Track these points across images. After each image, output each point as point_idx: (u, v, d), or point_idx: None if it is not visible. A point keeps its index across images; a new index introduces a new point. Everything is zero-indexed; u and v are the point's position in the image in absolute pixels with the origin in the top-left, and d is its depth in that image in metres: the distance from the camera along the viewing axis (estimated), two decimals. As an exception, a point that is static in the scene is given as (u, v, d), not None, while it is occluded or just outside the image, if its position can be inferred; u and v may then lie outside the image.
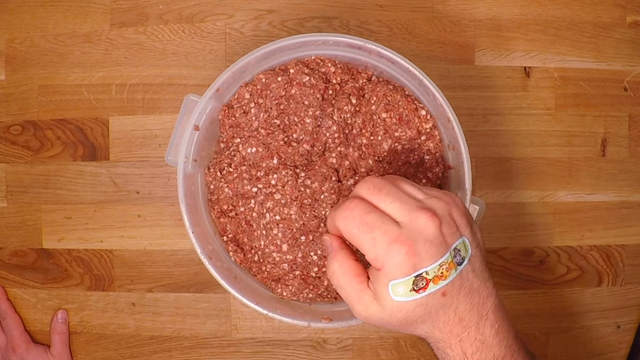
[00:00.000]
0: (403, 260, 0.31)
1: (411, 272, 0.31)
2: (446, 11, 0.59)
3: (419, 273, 0.31)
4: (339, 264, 0.35)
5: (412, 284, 0.31)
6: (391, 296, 0.32)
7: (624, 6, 0.59)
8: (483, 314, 0.34)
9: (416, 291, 0.32)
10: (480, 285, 0.34)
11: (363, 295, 0.34)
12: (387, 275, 0.32)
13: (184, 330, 0.59)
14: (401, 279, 0.31)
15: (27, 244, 0.60)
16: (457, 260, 0.32)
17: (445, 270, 0.32)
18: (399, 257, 0.31)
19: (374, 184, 0.34)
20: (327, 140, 0.47)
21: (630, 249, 0.60)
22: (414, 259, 0.31)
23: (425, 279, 0.31)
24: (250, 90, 0.47)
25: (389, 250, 0.31)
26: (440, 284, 0.32)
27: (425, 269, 0.31)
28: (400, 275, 0.31)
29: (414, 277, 0.31)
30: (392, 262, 0.31)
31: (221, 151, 0.48)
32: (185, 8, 0.59)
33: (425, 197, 0.34)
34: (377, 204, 0.33)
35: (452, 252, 0.32)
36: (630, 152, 0.60)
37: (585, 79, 0.59)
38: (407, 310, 0.32)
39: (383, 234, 0.32)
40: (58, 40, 0.59)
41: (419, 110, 0.47)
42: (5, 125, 0.60)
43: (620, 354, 0.60)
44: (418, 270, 0.31)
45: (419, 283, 0.31)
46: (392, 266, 0.31)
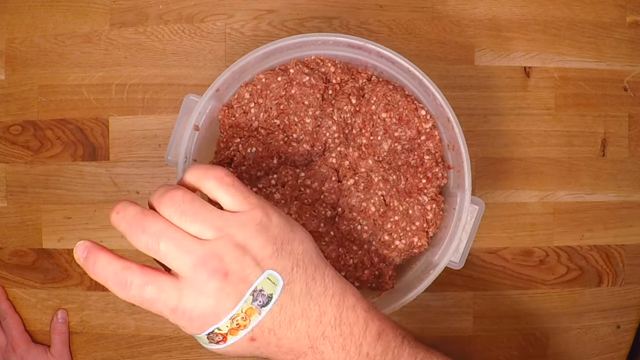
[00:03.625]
0: (190, 324, 0.29)
1: (200, 332, 0.29)
2: (446, 11, 0.59)
3: (209, 331, 0.29)
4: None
5: (208, 339, 0.30)
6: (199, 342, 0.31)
7: (624, 6, 0.59)
8: (318, 335, 0.31)
9: (216, 343, 0.30)
10: (306, 308, 0.31)
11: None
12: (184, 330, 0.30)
13: (184, 330, 0.59)
14: (195, 335, 0.30)
15: (27, 244, 0.60)
16: (259, 303, 0.29)
17: (242, 320, 0.29)
18: (184, 322, 0.29)
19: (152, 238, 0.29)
20: (327, 140, 0.47)
21: (630, 249, 0.60)
22: (198, 322, 0.29)
23: (220, 334, 0.29)
24: (250, 90, 0.47)
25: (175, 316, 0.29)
26: (241, 334, 0.29)
27: (216, 326, 0.29)
28: (192, 332, 0.30)
29: (205, 335, 0.30)
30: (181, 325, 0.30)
31: (221, 151, 0.48)
32: (185, 8, 0.59)
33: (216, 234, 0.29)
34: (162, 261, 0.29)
35: (249, 298, 0.29)
36: (630, 152, 0.60)
37: (585, 79, 0.59)
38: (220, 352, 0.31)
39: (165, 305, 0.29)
40: (58, 40, 0.59)
41: (419, 110, 0.47)
42: (5, 125, 0.60)
43: (620, 354, 0.60)
44: (207, 329, 0.29)
45: (214, 338, 0.30)
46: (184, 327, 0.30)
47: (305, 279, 0.31)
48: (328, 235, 0.45)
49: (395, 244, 0.45)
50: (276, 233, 0.31)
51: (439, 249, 0.45)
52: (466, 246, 0.47)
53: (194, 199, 0.30)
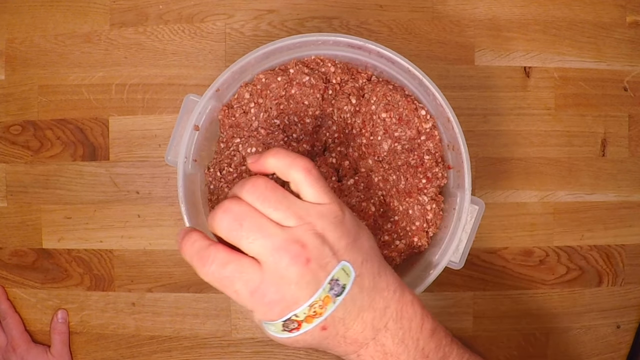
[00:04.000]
0: (267, 309, 0.30)
1: (278, 318, 0.30)
2: (446, 11, 0.59)
3: (287, 318, 0.30)
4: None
5: (282, 326, 0.30)
6: (266, 331, 0.31)
7: (624, 6, 0.59)
8: (380, 327, 0.32)
9: (289, 331, 0.30)
10: (373, 300, 0.32)
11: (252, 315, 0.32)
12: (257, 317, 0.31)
13: (184, 330, 0.59)
14: (271, 322, 0.30)
15: (27, 244, 0.60)
16: (335, 292, 0.30)
17: (319, 308, 0.30)
18: (262, 307, 0.30)
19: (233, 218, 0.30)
20: (327, 140, 0.47)
21: (630, 249, 0.60)
22: (278, 306, 0.29)
23: (296, 321, 0.30)
24: (250, 90, 0.47)
25: (253, 300, 0.30)
26: (316, 322, 0.30)
27: (294, 313, 0.30)
28: (267, 319, 0.30)
29: (282, 322, 0.30)
30: (258, 310, 0.30)
31: (221, 151, 0.48)
32: (185, 8, 0.59)
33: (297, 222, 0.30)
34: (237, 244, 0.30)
35: (327, 286, 0.30)
36: (630, 152, 0.60)
37: (585, 79, 0.59)
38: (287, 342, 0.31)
39: (244, 286, 0.29)
40: (58, 40, 0.59)
41: (419, 110, 0.47)
42: (5, 125, 0.60)
43: (620, 354, 0.60)
44: (285, 315, 0.30)
45: (289, 325, 0.30)
46: (258, 313, 0.30)
47: (372, 273, 0.32)
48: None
49: (395, 244, 0.45)
50: (349, 228, 0.32)
51: (439, 249, 0.45)
52: (466, 246, 0.47)
53: (276, 188, 0.31)
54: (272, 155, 0.33)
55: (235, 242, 0.30)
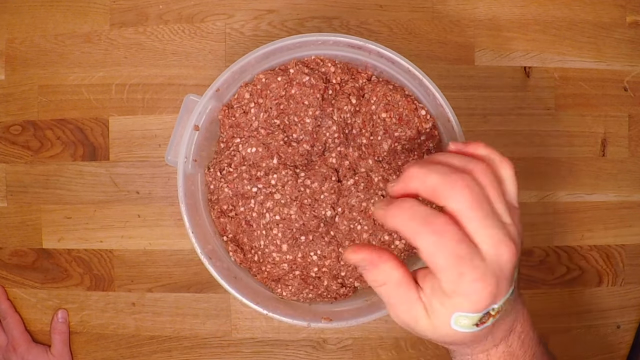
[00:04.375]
0: (482, 298, 0.29)
1: (483, 309, 0.29)
2: (446, 11, 0.59)
3: (488, 310, 0.29)
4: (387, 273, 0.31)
5: (479, 320, 0.30)
6: (451, 324, 0.30)
7: (624, 6, 0.59)
8: (513, 328, 0.33)
9: (477, 325, 0.30)
10: (516, 303, 0.33)
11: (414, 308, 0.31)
12: (456, 306, 0.29)
13: (184, 330, 0.59)
14: (470, 314, 0.29)
15: (27, 244, 0.60)
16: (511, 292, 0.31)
17: (505, 304, 0.30)
18: (479, 296, 0.29)
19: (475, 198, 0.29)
20: (327, 140, 0.47)
21: (630, 249, 0.60)
22: (490, 299, 0.29)
23: (489, 315, 0.30)
24: (250, 90, 0.47)
25: (471, 287, 0.28)
26: (497, 317, 0.30)
27: (494, 306, 0.29)
28: (471, 310, 0.29)
29: (483, 314, 0.29)
30: (469, 298, 0.29)
31: (221, 151, 0.48)
32: (185, 8, 0.59)
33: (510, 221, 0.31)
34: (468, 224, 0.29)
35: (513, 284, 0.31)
36: (630, 152, 0.60)
37: (585, 79, 0.59)
38: (459, 338, 0.31)
39: (471, 270, 0.28)
40: (58, 40, 0.59)
41: (419, 110, 0.47)
42: (5, 125, 0.60)
43: (620, 354, 0.60)
44: (489, 307, 0.29)
45: (484, 318, 0.30)
46: (468, 302, 0.29)
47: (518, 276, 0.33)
48: (328, 235, 0.45)
49: (395, 244, 0.45)
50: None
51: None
52: (466, 246, 0.47)
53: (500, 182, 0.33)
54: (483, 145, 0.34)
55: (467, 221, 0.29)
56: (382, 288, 0.31)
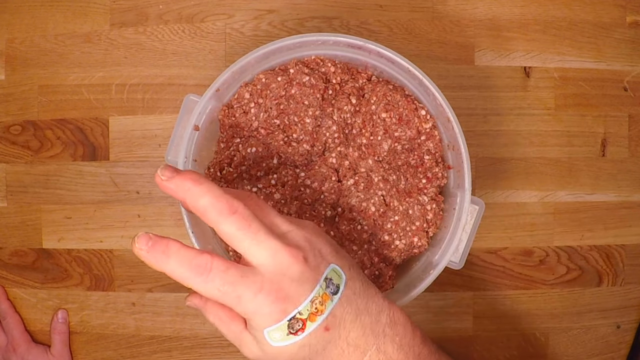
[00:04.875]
0: (272, 309, 0.30)
1: (282, 317, 0.30)
2: (446, 11, 0.59)
3: (292, 316, 0.30)
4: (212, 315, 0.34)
5: (288, 327, 0.30)
6: (269, 342, 0.31)
7: (624, 6, 0.59)
8: (379, 332, 0.33)
9: (294, 334, 0.30)
10: (367, 304, 0.33)
11: (244, 339, 0.33)
12: (259, 324, 0.30)
13: (184, 330, 0.59)
14: (274, 326, 0.30)
15: (27, 244, 0.60)
16: (331, 290, 0.31)
17: (320, 304, 0.30)
18: (266, 307, 0.30)
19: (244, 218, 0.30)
20: (327, 140, 0.47)
21: (630, 249, 0.60)
22: (282, 304, 0.30)
23: (300, 320, 0.30)
24: (250, 90, 0.47)
25: (256, 302, 0.30)
26: (319, 320, 0.30)
27: (297, 310, 0.30)
28: (272, 322, 0.30)
29: (287, 321, 0.30)
30: (261, 312, 0.30)
31: (221, 151, 0.48)
32: (185, 8, 0.59)
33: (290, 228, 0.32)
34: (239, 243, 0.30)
35: (323, 283, 0.31)
36: (630, 152, 0.60)
37: (585, 79, 0.59)
38: (290, 353, 0.31)
39: (246, 289, 0.30)
40: (58, 40, 0.59)
41: (419, 110, 0.47)
42: (5, 125, 0.60)
43: (620, 354, 0.60)
44: (290, 313, 0.30)
45: (294, 325, 0.30)
46: (262, 316, 0.30)
47: (360, 279, 0.34)
48: (328, 235, 0.45)
49: (395, 244, 0.45)
50: (329, 240, 0.35)
51: (439, 249, 0.45)
52: (466, 246, 0.47)
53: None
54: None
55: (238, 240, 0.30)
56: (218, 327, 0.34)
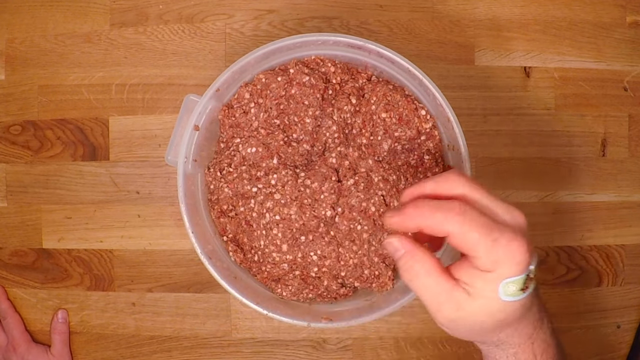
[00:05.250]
0: (522, 258, 0.30)
1: (526, 270, 0.31)
2: (446, 11, 0.59)
3: (528, 272, 0.31)
4: (420, 263, 0.32)
5: (524, 282, 0.31)
6: (500, 296, 0.31)
7: (624, 6, 0.59)
8: (544, 313, 0.34)
9: (523, 290, 0.31)
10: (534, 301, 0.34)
11: (455, 294, 0.31)
12: (501, 274, 0.30)
13: (184, 330, 0.59)
14: (515, 277, 0.30)
15: (27, 244, 0.60)
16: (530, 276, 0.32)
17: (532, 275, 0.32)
18: (519, 254, 0.30)
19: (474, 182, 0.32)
20: (327, 140, 0.47)
21: (630, 249, 0.60)
22: (530, 257, 0.31)
23: (529, 277, 0.31)
24: (250, 90, 0.47)
25: (509, 250, 0.30)
26: (531, 286, 0.32)
27: (532, 266, 0.31)
28: (517, 273, 0.30)
29: (525, 275, 0.31)
30: (512, 260, 0.30)
31: (221, 151, 0.48)
32: (185, 8, 0.59)
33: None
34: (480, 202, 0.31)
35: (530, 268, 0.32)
36: (630, 152, 0.60)
37: (585, 79, 0.59)
38: (511, 311, 0.32)
39: (502, 235, 0.30)
40: (58, 40, 0.59)
41: (419, 110, 0.47)
42: (5, 125, 0.60)
43: (620, 354, 0.60)
44: (530, 266, 0.31)
45: (526, 282, 0.31)
46: (511, 265, 0.30)
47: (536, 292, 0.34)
48: (328, 235, 0.45)
49: (395, 244, 0.45)
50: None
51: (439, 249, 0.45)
52: (466, 246, 0.47)
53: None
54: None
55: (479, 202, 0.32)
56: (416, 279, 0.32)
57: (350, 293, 0.48)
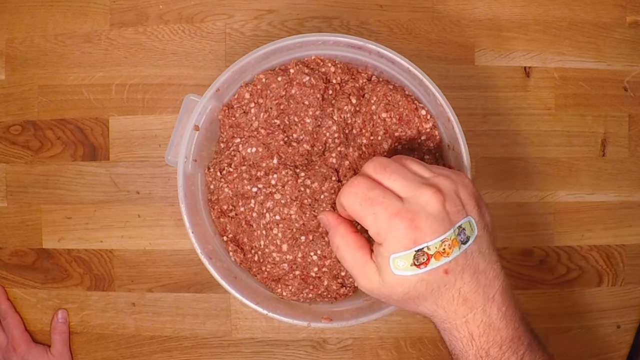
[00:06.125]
0: (403, 234, 0.31)
1: (412, 246, 0.32)
2: (446, 11, 0.59)
3: (419, 247, 0.32)
4: (341, 237, 0.35)
5: (413, 258, 0.32)
6: (392, 270, 0.32)
7: (624, 6, 0.59)
8: (490, 296, 0.34)
9: (417, 266, 0.32)
10: (487, 267, 0.34)
11: (366, 268, 0.34)
12: (388, 249, 0.32)
13: (184, 330, 0.59)
14: (401, 252, 0.32)
15: (27, 244, 0.60)
16: (461, 239, 0.33)
17: (448, 247, 0.32)
18: (399, 231, 0.32)
19: (380, 163, 0.34)
20: (327, 140, 0.47)
21: (630, 249, 0.60)
22: (414, 233, 0.31)
23: (426, 254, 0.32)
24: (250, 90, 0.47)
25: (390, 224, 0.32)
26: (442, 261, 0.32)
27: (427, 244, 0.32)
28: (400, 248, 0.32)
29: (414, 251, 0.32)
30: (393, 236, 0.32)
31: (221, 151, 0.48)
32: (185, 8, 0.59)
33: (431, 175, 0.34)
34: (381, 181, 0.34)
35: (456, 229, 0.32)
36: (630, 152, 0.60)
37: (585, 79, 0.59)
38: (408, 286, 0.33)
39: (384, 209, 0.32)
40: (58, 40, 0.59)
41: (419, 110, 0.47)
42: (5, 125, 0.60)
43: (620, 354, 0.60)
44: (419, 244, 0.32)
45: (419, 258, 0.32)
46: (393, 239, 0.32)
47: (489, 242, 0.35)
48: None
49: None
50: (477, 196, 0.35)
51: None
52: (466, 246, 0.47)
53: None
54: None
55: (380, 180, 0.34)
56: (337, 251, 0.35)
57: (350, 293, 0.48)
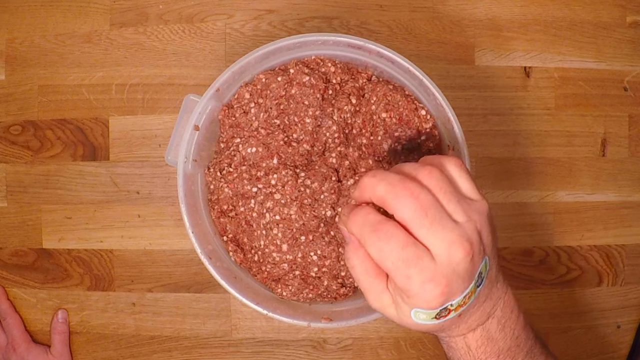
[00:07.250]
0: (433, 298, 0.30)
1: (439, 307, 0.31)
2: (446, 11, 0.59)
3: (444, 307, 0.31)
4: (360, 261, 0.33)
5: (436, 315, 0.31)
6: (412, 318, 0.31)
7: (624, 6, 0.59)
8: (491, 314, 0.34)
9: (438, 318, 0.31)
10: (492, 291, 0.34)
11: (382, 296, 0.33)
12: (413, 303, 0.31)
13: (184, 330, 0.59)
14: (426, 310, 0.31)
15: (27, 244, 0.60)
16: (477, 284, 0.32)
17: (467, 299, 0.31)
18: (431, 295, 0.30)
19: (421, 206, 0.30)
20: (327, 140, 0.47)
21: (630, 249, 0.60)
22: (445, 297, 0.30)
23: (448, 310, 0.31)
24: (250, 90, 0.47)
25: (423, 288, 0.30)
26: (460, 310, 0.32)
27: (451, 302, 0.31)
28: (426, 307, 0.31)
29: (439, 310, 0.31)
30: (422, 298, 0.30)
31: (221, 151, 0.48)
32: (185, 8, 0.59)
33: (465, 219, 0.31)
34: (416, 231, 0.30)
35: (476, 278, 0.31)
36: (630, 152, 0.60)
37: (585, 79, 0.59)
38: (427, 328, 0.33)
39: (419, 273, 0.29)
40: (58, 40, 0.59)
41: (419, 110, 0.47)
42: (5, 125, 0.60)
43: (620, 354, 0.60)
44: (445, 305, 0.31)
45: (442, 313, 0.31)
46: (422, 301, 0.30)
47: (496, 265, 0.34)
48: (328, 235, 0.45)
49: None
50: (494, 224, 0.33)
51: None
52: (466, 246, 0.47)
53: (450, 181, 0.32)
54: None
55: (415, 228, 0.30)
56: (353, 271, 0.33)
57: (350, 293, 0.48)
